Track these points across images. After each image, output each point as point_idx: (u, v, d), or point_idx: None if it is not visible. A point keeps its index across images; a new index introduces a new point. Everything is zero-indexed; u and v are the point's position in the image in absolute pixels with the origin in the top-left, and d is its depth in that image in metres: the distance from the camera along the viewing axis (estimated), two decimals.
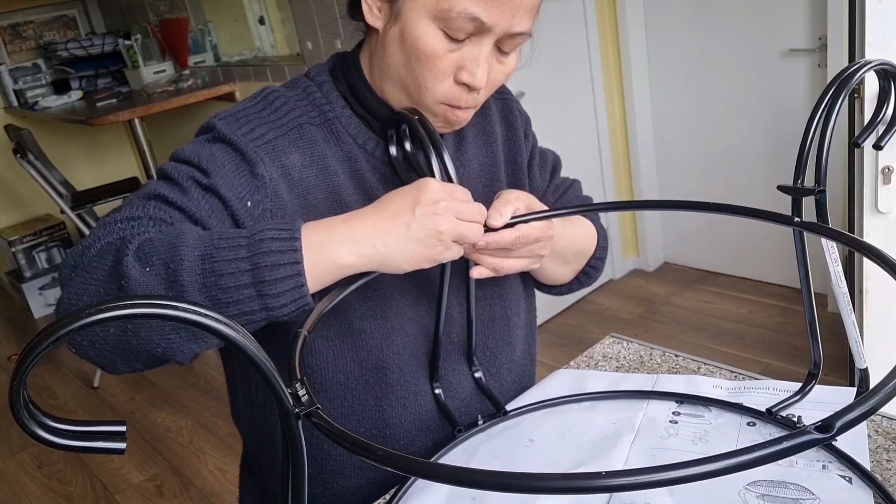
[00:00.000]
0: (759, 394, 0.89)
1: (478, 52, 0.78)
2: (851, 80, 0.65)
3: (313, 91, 0.86)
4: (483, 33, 0.77)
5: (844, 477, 0.74)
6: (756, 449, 0.36)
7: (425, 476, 0.40)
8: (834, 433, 0.36)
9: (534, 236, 0.82)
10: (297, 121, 0.83)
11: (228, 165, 0.78)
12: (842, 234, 0.62)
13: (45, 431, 0.40)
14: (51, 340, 0.38)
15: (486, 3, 0.75)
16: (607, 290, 3.17)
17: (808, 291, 0.77)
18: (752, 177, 2.82)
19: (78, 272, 0.69)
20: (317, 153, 0.83)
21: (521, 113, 1.03)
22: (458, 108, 0.82)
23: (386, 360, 0.88)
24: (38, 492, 2.47)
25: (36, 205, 3.96)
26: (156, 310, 0.40)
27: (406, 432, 0.93)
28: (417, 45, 0.77)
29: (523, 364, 1.04)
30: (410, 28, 0.77)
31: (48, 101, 3.71)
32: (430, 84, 0.80)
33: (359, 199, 0.84)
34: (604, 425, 0.88)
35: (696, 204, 0.74)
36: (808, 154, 0.68)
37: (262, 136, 0.81)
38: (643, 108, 3.04)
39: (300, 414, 0.46)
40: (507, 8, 0.76)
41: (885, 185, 1.61)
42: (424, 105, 0.82)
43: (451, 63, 0.79)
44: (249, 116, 0.82)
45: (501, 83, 0.85)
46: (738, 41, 2.68)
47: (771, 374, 0.96)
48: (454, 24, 0.76)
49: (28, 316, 3.82)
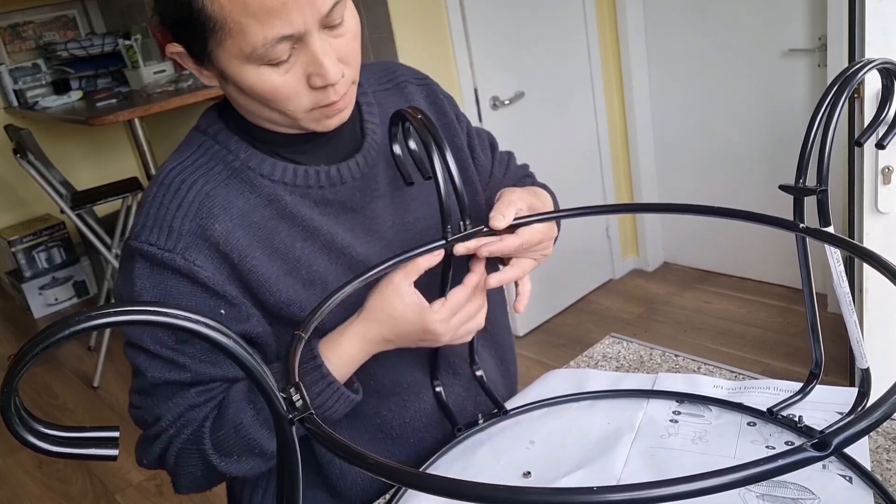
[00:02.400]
0: (759, 393, 0.89)
1: (310, 54, 0.73)
2: (854, 78, 0.65)
3: (210, 146, 0.82)
4: (300, 39, 0.72)
5: (844, 476, 0.74)
6: (750, 466, 0.35)
7: (415, 487, 0.39)
8: (831, 451, 0.36)
9: (536, 240, 0.82)
10: (203, 191, 0.79)
11: (176, 293, 0.77)
12: (849, 242, 0.61)
13: (36, 438, 0.40)
14: (40, 347, 0.38)
15: (279, 18, 0.69)
16: (607, 290, 3.17)
17: (811, 293, 0.77)
18: (752, 177, 2.82)
19: (179, 474, 0.81)
20: (235, 214, 0.79)
21: (446, 95, 1.00)
22: (332, 105, 0.78)
23: (373, 367, 0.88)
24: (38, 491, 2.47)
25: (36, 205, 3.96)
26: (147, 316, 0.40)
27: (415, 430, 0.93)
28: (255, 90, 0.74)
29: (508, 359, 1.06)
30: (238, 80, 0.74)
31: (48, 101, 3.70)
32: (292, 108, 0.76)
33: (297, 236, 0.82)
34: (604, 425, 0.88)
35: (702, 208, 0.72)
36: (810, 153, 0.68)
37: (177, 230, 0.77)
38: (643, 108, 3.04)
39: (293, 419, 0.45)
40: (300, 2, 0.69)
41: (885, 185, 1.61)
42: (301, 120, 0.78)
43: (296, 80, 0.74)
44: (158, 216, 0.78)
45: (355, 48, 0.78)
46: (738, 41, 2.68)
47: (771, 374, 0.96)
48: (270, 55, 0.71)
49: (28, 315, 3.82)
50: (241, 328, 0.80)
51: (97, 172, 4.02)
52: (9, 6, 3.84)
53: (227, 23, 0.69)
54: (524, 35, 2.65)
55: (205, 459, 0.79)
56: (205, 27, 0.70)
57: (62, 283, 3.87)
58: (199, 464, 0.79)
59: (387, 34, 2.39)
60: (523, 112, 2.71)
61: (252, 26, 0.69)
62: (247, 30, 0.69)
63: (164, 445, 0.80)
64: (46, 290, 3.83)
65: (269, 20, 0.68)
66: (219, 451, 0.78)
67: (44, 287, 3.82)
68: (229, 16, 0.68)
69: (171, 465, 0.81)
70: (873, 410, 0.38)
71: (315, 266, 0.83)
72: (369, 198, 0.87)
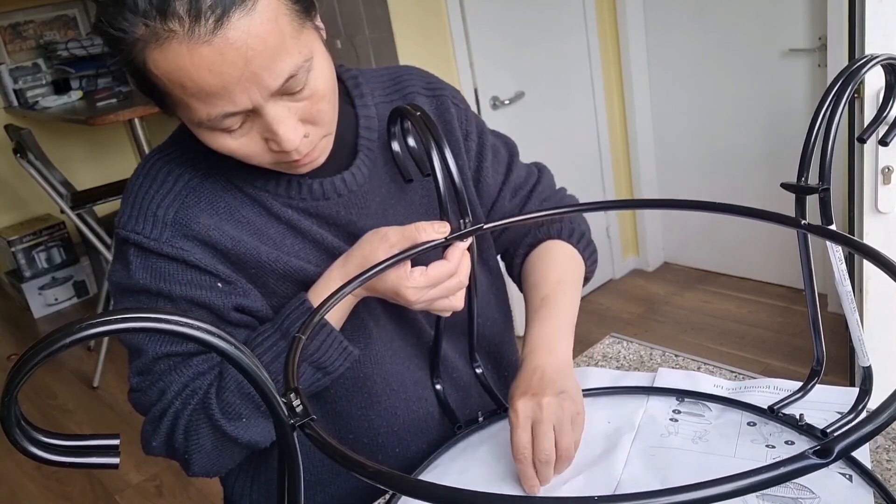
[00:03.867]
0: (759, 392, 0.89)
1: (264, 123, 0.69)
2: (858, 74, 0.64)
3: (194, 141, 0.79)
4: (252, 111, 0.69)
5: (845, 475, 0.74)
6: (752, 474, 0.35)
7: (415, 496, 0.39)
8: (833, 458, 0.35)
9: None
10: (189, 184, 0.79)
11: (168, 274, 0.78)
12: (850, 239, 0.60)
13: (37, 448, 0.39)
14: (42, 355, 0.37)
15: (221, 98, 0.65)
16: (607, 290, 3.17)
17: (812, 290, 0.77)
18: (752, 177, 2.82)
19: (190, 451, 0.79)
20: (222, 208, 0.79)
21: (458, 106, 0.93)
22: (296, 162, 0.74)
23: (365, 370, 0.88)
24: (37, 492, 2.47)
25: (36, 205, 3.96)
26: (150, 324, 0.39)
27: (400, 439, 0.92)
28: (216, 148, 0.72)
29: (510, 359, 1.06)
30: (198, 136, 0.72)
31: (48, 101, 3.70)
32: (255, 163, 0.74)
33: (286, 234, 0.82)
34: (604, 423, 0.88)
35: (702, 204, 0.71)
36: (812, 150, 0.68)
37: (162, 219, 0.77)
38: (643, 108, 3.04)
39: (295, 425, 0.45)
40: (243, 83, 0.65)
41: (885, 185, 1.61)
42: (269, 167, 0.76)
43: (254, 143, 0.72)
44: (143, 206, 0.78)
45: (322, 109, 0.73)
46: (738, 41, 2.68)
47: (771, 374, 0.96)
48: (219, 126, 0.69)
49: (28, 315, 3.82)
50: (242, 302, 0.80)
51: (97, 172, 4.01)
52: (9, 5, 3.84)
53: (171, 97, 0.68)
54: (524, 35, 2.65)
55: (214, 426, 0.77)
56: (156, 93, 0.69)
57: (62, 283, 3.88)
58: (209, 434, 0.78)
59: (387, 34, 2.39)
60: (523, 112, 2.71)
61: (194, 104, 0.67)
62: (190, 106, 0.67)
63: (172, 421, 0.79)
64: (46, 290, 3.83)
65: (210, 100, 0.66)
66: (226, 415, 0.77)
67: (44, 287, 3.82)
68: (172, 93, 0.67)
69: (180, 442, 0.79)
70: (877, 415, 0.37)
71: (310, 258, 0.83)
72: (356, 216, 0.84)
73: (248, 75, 0.65)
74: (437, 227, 0.75)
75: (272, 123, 0.69)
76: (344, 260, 0.79)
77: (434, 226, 0.75)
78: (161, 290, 0.78)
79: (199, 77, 0.64)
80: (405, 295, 0.75)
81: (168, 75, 0.65)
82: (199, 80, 0.64)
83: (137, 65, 0.66)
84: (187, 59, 0.63)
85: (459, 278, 0.77)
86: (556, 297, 0.92)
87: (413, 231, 0.74)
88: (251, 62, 0.64)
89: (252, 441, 0.79)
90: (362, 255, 0.77)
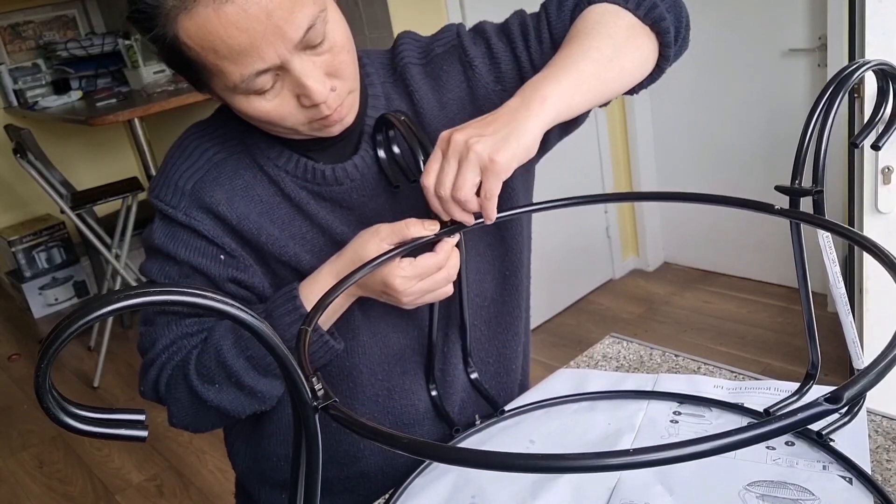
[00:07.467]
0: (759, 394, 0.89)
1: (293, 78, 0.73)
2: (849, 80, 0.65)
3: (230, 119, 0.85)
4: (281, 67, 0.72)
5: (845, 478, 0.74)
6: (774, 421, 0.37)
7: (451, 461, 0.42)
8: (843, 404, 0.39)
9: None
10: (214, 159, 0.85)
11: (181, 241, 0.85)
12: (820, 219, 0.61)
13: (69, 417, 0.41)
14: (80, 323, 0.39)
15: (250, 55, 0.70)
16: (607, 290, 3.17)
17: (807, 293, 0.77)
18: (752, 176, 2.82)
19: (170, 402, 0.86)
20: (239, 185, 0.85)
21: (446, 49, 0.90)
22: (327, 118, 0.78)
23: (352, 360, 0.90)
24: (38, 492, 2.47)
25: (36, 205, 3.96)
26: (182, 297, 0.41)
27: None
28: (250, 116, 0.77)
29: (523, 363, 1.05)
30: (234, 107, 0.77)
31: (48, 101, 3.70)
32: (289, 125, 0.78)
33: (296, 216, 0.86)
34: (604, 426, 0.88)
35: (671, 195, 0.73)
36: (805, 154, 0.68)
37: (181, 189, 0.84)
38: (643, 108, 3.04)
39: (318, 407, 0.46)
40: (269, 37, 0.70)
41: (885, 185, 1.61)
42: (301, 132, 0.80)
43: (286, 103, 0.76)
44: (169, 175, 0.86)
45: (344, 60, 0.76)
46: (738, 41, 2.68)
47: (771, 374, 0.96)
48: (253, 87, 0.73)
49: (28, 316, 3.82)
50: (239, 276, 0.86)
51: (97, 172, 4.02)
52: (9, 6, 3.84)
53: (205, 65, 0.72)
54: None
55: (189, 385, 0.83)
56: (190, 68, 0.74)
57: (62, 283, 3.88)
58: (184, 390, 0.84)
59: (386, 33, 2.39)
60: None
61: (227, 67, 0.71)
62: (224, 70, 0.72)
63: (158, 371, 0.86)
64: (46, 290, 3.83)
65: (241, 59, 0.70)
66: (201, 377, 0.83)
67: (44, 287, 3.82)
68: (206, 60, 0.71)
69: (162, 392, 0.86)
70: (877, 363, 0.41)
71: (311, 245, 0.87)
72: (367, 198, 0.87)
73: (271, 28, 0.69)
74: (426, 225, 0.77)
75: (300, 76, 0.73)
76: (336, 256, 0.82)
77: (424, 223, 0.77)
78: (170, 252, 0.85)
79: (229, 35, 0.69)
80: (394, 284, 0.77)
81: (201, 42, 0.70)
82: (228, 40, 0.69)
83: (171, 39, 0.71)
84: (215, 21, 0.68)
85: (448, 271, 0.79)
86: (568, 47, 0.78)
87: (402, 227, 0.77)
88: (272, 14, 0.69)
89: (222, 407, 0.83)
90: (353, 251, 0.79)
